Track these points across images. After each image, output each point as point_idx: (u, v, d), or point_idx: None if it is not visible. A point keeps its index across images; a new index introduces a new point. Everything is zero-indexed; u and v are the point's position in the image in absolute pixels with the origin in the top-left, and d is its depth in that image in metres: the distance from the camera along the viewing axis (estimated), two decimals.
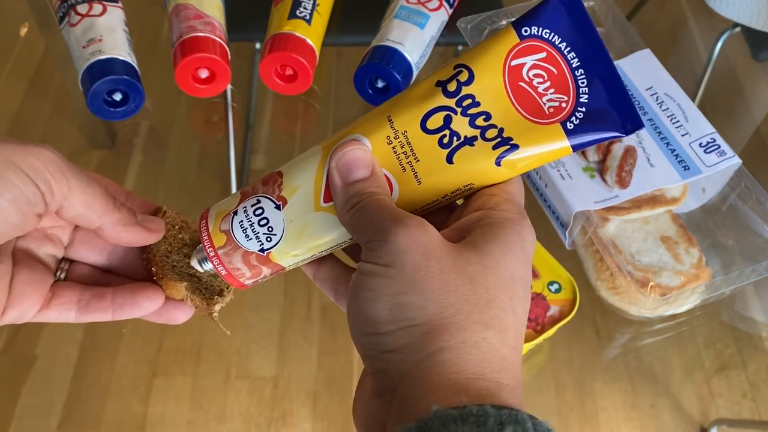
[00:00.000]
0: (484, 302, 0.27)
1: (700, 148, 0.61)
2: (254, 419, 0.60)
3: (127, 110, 0.66)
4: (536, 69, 0.30)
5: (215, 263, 0.34)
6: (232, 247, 0.33)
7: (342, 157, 0.31)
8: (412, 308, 0.27)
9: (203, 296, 0.38)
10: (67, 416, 0.60)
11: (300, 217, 0.32)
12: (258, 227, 0.33)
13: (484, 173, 0.31)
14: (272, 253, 0.33)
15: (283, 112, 0.80)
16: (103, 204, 0.33)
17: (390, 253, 0.28)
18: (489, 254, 0.28)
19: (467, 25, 0.70)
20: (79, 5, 0.66)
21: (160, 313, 0.37)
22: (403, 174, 0.31)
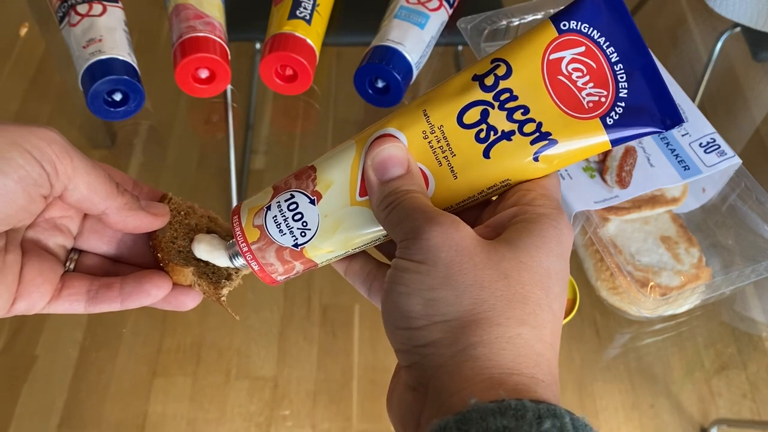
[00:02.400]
0: (519, 298, 0.27)
1: (700, 148, 0.61)
2: (254, 419, 0.60)
3: (127, 110, 0.66)
4: (575, 63, 0.30)
5: (248, 259, 0.34)
6: (265, 242, 0.33)
7: (377, 155, 0.31)
8: (445, 303, 0.27)
9: (210, 280, 0.37)
10: (67, 416, 0.60)
11: (335, 211, 0.32)
12: (292, 222, 0.32)
13: (522, 168, 0.30)
14: (306, 249, 0.33)
15: (283, 112, 0.80)
16: (107, 187, 0.33)
17: (423, 251, 0.28)
18: (524, 249, 0.28)
19: (467, 25, 0.70)
20: (79, 5, 0.66)
21: (169, 300, 0.37)
22: (439, 169, 0.31)
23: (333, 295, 0.66)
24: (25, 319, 0.64)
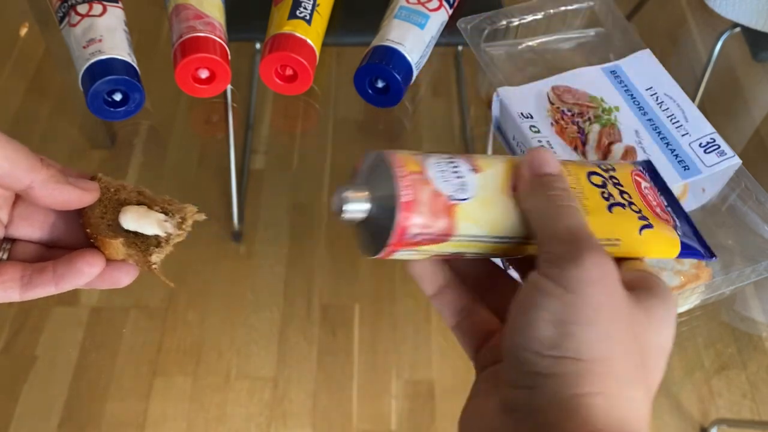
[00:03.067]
0: (643, 363, 0.28)
1: (700, 148, 0.61)
2: (254, 419, 0.60)
3: (127, 110, 0.66)
4: (646, 183, 0.37)
5: (402, 184, 0.29)
6: (423, 178, 0.30)
7: (533, 155, 0.32)
8: (581, 342, 0.27)
9: (139, 249, 0.36)
10: (67, 416, 0.60)
11: (491, 190, 0.31)
12: (451, 176, 0.31)
13: (632, 235, 0.33)
14: (459, 207, 0.30)
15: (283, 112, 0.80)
16: (29, 160, 0.32)
17: (577, 280, 0.27)
18: (655, 318, 0.29)
19: (467, 25, 0.70)
20: (79, 5, 0.66)
21: (104, 278, 0.36)
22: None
23: (333, 295, 0.66)
24: (25, 319, 0.64)
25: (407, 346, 0.63)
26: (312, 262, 0.68)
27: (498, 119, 0.67)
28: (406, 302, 0.65)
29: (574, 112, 0.63)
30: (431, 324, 0.63)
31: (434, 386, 0.61)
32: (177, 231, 0.37)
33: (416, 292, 0.65)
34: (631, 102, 0.64)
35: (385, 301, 0.65)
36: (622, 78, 0.66)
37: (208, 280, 0.67)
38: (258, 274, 0.67)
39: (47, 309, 0.65)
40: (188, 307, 0.65)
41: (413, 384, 0.61)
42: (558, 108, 0.64)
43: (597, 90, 0.65)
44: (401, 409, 0.60)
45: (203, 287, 0.66)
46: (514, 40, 0.73)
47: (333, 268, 0.67)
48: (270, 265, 0.67)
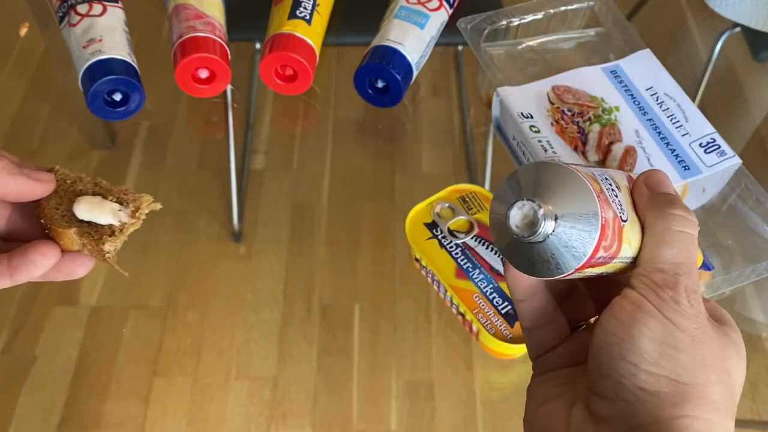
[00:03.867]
0: (732, 394, 0.30)
1: (700, 148, 0.61)
2: (254, 419, 0.60)
3: (127, 110, 0.66)
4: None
5: (600, 204, 0.27)
6: (605, 198, 0.28)
7: (652, 174, 0.32)
8: (681, 365, 0.28)
9: (93, 238, 0.37)
10: (67, 416, 0.60)
11: (630, 208, 0.31)
12: (613, 194, 0.29)
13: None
14: (625, 228, 0.29)
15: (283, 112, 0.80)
16: None
17: (671, 308, 0.29)
18: (740, 354, 0.31)
19: (467, 25, 0.70)
20: (79, 5, 0.66)
21: (59, 269, 0.36)
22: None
23: (333, 295, 0.66)
24: (25, 319, 0.64)
25: (407, 346, 0.63)
26: (312, 262, 0.68)
27: (498, 119, 0.67)
28: (406, 302, 0.65)
29: (574, 112, 0.63)
30: (431, 324, 0.63)
31: (434, 386, 0.61)
32: (131, 220, 0.37)
33: (416, 292, 0.65)
34: (631, 102, 0.64)
35: (385, 301, 0.65)
36: (622, 78, 0.66)
37: (208, 280, 0.67)
38: (258, 274, 0.67)
39: (47, 309, 0.65)
40: (188, 307, 0.65)
41: (413, 384, 0.61)
42: (558, 108, 0.64)
43: (597, 90, 0.65)
44: (401, 409, 0.60)
45: (203, 287, 0.66)
46: (514, 40, 0.73)
47: (333, 268, 0.67)
48: (270, 265, 0.68)
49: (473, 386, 0.61)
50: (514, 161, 0.67)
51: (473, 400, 0.60)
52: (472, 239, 0.60)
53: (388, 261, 0.68)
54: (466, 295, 0.57)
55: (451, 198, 0.62)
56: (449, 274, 0.58)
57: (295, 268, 0.67)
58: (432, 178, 0.74)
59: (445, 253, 0.59)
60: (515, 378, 0.62)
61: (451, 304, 0.60)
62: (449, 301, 0.60)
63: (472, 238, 0.60)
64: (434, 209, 0.61)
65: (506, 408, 0.60)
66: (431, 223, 0.60)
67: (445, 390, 0.61)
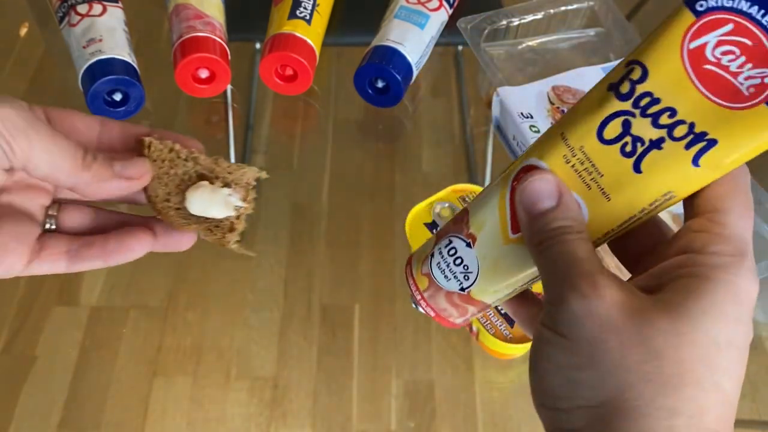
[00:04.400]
0: (675, 381, 0.23)
1: None
2: (254, 419, 0.60)
3: (127, 110, 0.66)
4: (723, 45, 0.25)
5: (423, 306, 0.34)
6: (435, 289, 0.33)
7: (524, 189, 0.28)
8: (587, 386, 0.25)
9: (215, 236, 0.37)
10: (67, 416, 0.60)
11: (491, 252, 0.31)
12: (454, 267, 0.32)
13: (683, 178, 0.27)
14: (472, 291, 0.32)
15: (283, 112, 0.80)
16: (70, 163, 0.31)
17: (565, 323, 0.25)
18: (685, 317, 0.24)
19: (467, 25, 0.70)
20: (79, 5, 0.66)
21: (164, 244, 0.36)
22: (589, 192, 0.28)
23: (333, 295, 0.66)
24: (25, 319, 0.64)
25: (407, 346, 0.63)
26: (312, 262, 0.68)
27: (498, 119, 0.67)
28: (406, 302, 0.65)
29: None
30: (431, 324, 0.63)
31: (434, 386, 0.61)
32: (244, 204, 0.36)
33: None
34: None
35: (385, 301, 0.65)
36: None
37: (208, 280, 0.67)
38: (258, 274, 0.67)
39: (47, 309, 0.65)
40: (188, 307, 0.65)
41: (413, 384, 0.61)
42: (558, 108, 0.64)
43: None
44: (401, 409, 0.60)
45: (203, 287, 0.66)
46: (514, 40, 0.73)
47: (333, 268, 0.67)
48: (270, 265, 0.68)
49: (473, 386, 0.61)
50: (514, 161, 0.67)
51: (473, 400, 0.60)
52: None
53: (388, 261, 0.68)
54: None
55: (451, 198, 0.62)
56: None
57: (295, 268, 0.67)
58: (432, 178, 0.74)
59: None
60: (515, 378, 0.62)
61: None
62: None
63: None
64: (434, 209, 0.61)
65: (506, 408, 0.60)
66: (431, 223, 0.60)
67: (445, 390, 0.61)
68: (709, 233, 0.26)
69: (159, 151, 0.36)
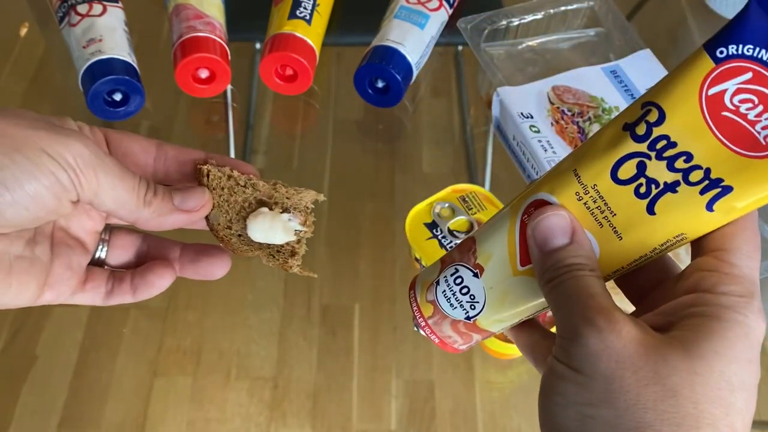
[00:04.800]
0: (691, 421, 0.23)
1: None
2: (254, 419, 0.60)
3: (127, 110, 0.66)
4: (742, 93, 0.25)
5: (427, 332, 0.34)
6: (439, 316, 0.33)
7: (538, 224, 0.28)
8: (603, 424, 0.24)
9: (278, 261, 0.38)
10: (67, 416, 0.60)
11: (499, 284, 0.31)
12: (460, 296, 0.32)
13: (696, 221, 0.27)
14: (478, 320, 0.32)
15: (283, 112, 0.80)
16: (133, 201, 0.32)
17: (580, 358, 0.25)
18: (699, 357, 0.24)
19: (467, 25, 0.70)
20: (79, 5, 0.66)
21: (197, 272, 0.38)
22: (600, 230, 0.28)
23: (333, 295, 0.66)
24: (25, 319, 0.64)
25: (407, 346, 0.63)
26: (312, 262, 0.68)
27: (498, 119, 0.67)
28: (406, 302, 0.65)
29: (574, 112, 0.64)
30: None
31: (434, 386, 0.61)
32: (304, 228, 0.37)
33: None
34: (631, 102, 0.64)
35: (385, 301, 0.65)
36: (622, 78, 0.66)
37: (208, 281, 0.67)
38: (258, 274, 0.67)
39: (47, 309, 0.65)
40: (188, 307, 0.65)
41: (413, 384, 0.61)
42: (558, 108, 0.64)
43: (597, 90, 0.65)
44: (401, 409, 0.60)
45: (203, 287, 0.66)
46: (514, 40, 0.73)
47: (333, 268, 0.67)
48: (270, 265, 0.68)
49: (473, 386, 0.61)
50: (514, 161, 0.67)
51: (473, 400, 0.60)
52: None
53: (388, 261, 0.68)
54: None
55: (451, 198, 0.62)
56: None
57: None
58: (432, 178, 0.74)
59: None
60: (515, 378, 0.62)
61: None
62: None
63: None
64: (434, 209, 0.61)
65: (506, 408, 0.60)
66: (431, 223, 0.60)
67: (445, 390, 0.61)
68: (719, 272, 0.26)
69: (218, 179, 0.37)
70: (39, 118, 0.30)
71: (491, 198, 0.62)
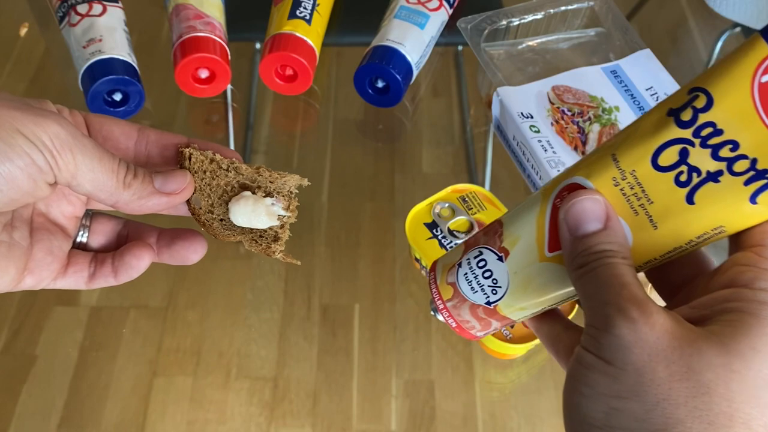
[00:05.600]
0: (724, 419, 0.23)
1: None
2: (254, 419, 0.60)
3: (127, 110, 0.66)
4: None
5: (445, 315, 0.34)
6: (459, 299, 0.33)
7: (570, 208, 0.27)
8: (631, 417, 0.23)
9: (260, 246, 0.37)
10: (67, 416, 0.59)
11: (524, 268, 0.30)
12: (482, 279, 0.31)
13: (737, 214, 0.26)
14: (499, 306, 0.32)
15: (283, 112, 0.80)
16: (113, 183, 0.32)
17: (611, 348, 0.24)
18: (737, 354, 0.23)
19: (467, 25, 0.70)
20: (79, 5, 0.66)
21: (172, 257, 0.37)
22: (635, 218, 0.27)
23: (333, 295, 0.66)
24: (25, 319, 0.64)
25: (407, 346, 0.63)
26: (312, 262, 0.68)
27: (498, 119, 0.67)
28: (406, 302, 0.65)
29: (574, 112, 0.64)
30: (431, 324, 0.63)
31: (434, 386, 0.61)
32: (287, 213, 0.36)
33: (416, 292, 0.65)
34: (631, 102, 0.64)
35: (385, 301, 0.65)
36: (622, 78, 0.66)
37: (208, 280, 0.67)
38: (258, 274, 0.67)
39: (47, 308, 0.65)
40: (188, 307, 0.65)
41: (413, 384, 0.61)
42: (558, 108, 0.64)
43: (597, 90, 0.65)
44: (401, 409, 0.60)
45: (203, 287, 0.66)
46: (514, 40, 0.73)
47: (333, 268, 0.67)
48: (270, 265, 0.68)
49: (473, 386, 0.61)
50: (514, 161, 0.67)
51: (473, 400, 0.60)
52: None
53: (388, 261, 0.68)
54: None
55: (451, 198, 0.62)
56: None
57: (295, 267, 0.67)
58: (432, 178, 0.74)
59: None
60: (515, 378, 0.62)
61: None
62: None
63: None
64: (434, 209, 0.61)
65: (506, 408, 0.60)
66: (431, 223, 0.60)
67: (445, 390, 0.61)
68: (758, 268, 0.25)
69: (200, 162, 0.36)
70: (15, 99, 0.30)
71: (491, 198, 0.62)
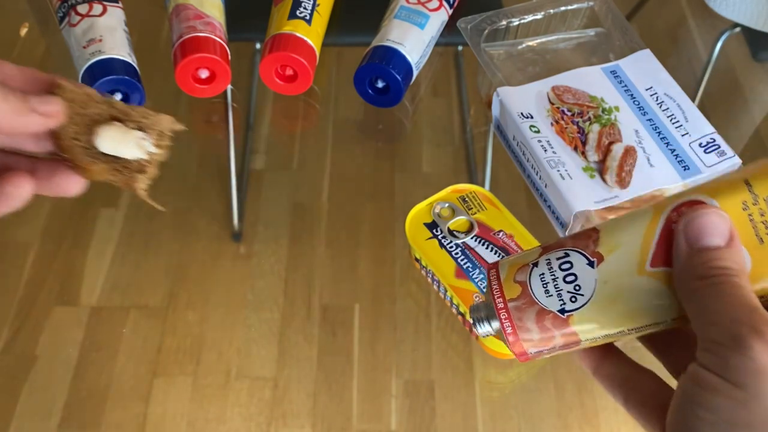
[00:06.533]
0: None
1: (700, 148, 0.61)
2: (254, 419, 0.60)
3: None
4: None
5: (502, 317, 0.30)
6: (526, 301, 0.29)
7: (693, 219, 0.25)
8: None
9: (124, 176, 0.36)
10: (67, 416, 0.59)
11: (617, 278, 0.27)
12: (562, 283, 0.28)
13: None
14: (573, 317, 0.28)
15: (283, 112, 0.80)
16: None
17: (745, 372, 0.22)
18: None
19: (467, 25, 0.70)
20: (79, 5, 0.66)
21: (51, 188, 0.35)
22: (758, 248, 0.25)
23: (333, 295, 0.66)
24: (25, 319, 0.64)
25: (407, 346, 0.63)
26: (312, 262, 0.68)
27: (498, 119, 0.67)
28: (406, 302, 0.65)
29: (574, 112, 0.64)
30: (431, 324, 0.63)
31: (434, 386, 0.61)
32: (156, 150, 0.35)
33: (416, 292, 0.65)
34: (631, 102, 0.64)
35: (385, 301, 0.65)
36: (622, 78, 0.66)
37: (208, 280, 0.67)
38: (258, 274, 0.67)
39: (47, 309, 0.65)
40: (188, 307, 0.65)
41: (413, 384, 0.61)
42: (558, 108, 0.64)
43: (597, 90, 0.65)
44: (401, 409, 0.60)
45: (203, 287, 0.66)
46: (514, 40, 0.73)
47: (333, 268, 0.67)
48: (270, 265, 0.68)
49: (473, 386, 0.61)
50: (514, 161, 0.67)
51: (473, 400, 0.60)
52: (472, 239, 0.60)
53: (388, 261, 0.68)
54: (466, 295, 0.57)
55: (451, 198, 0.62)
56: (449, 274, 0.58)
57: (295, 268, 0.67)
58: (432, 178, 0.74)
59: (445, 253, 0.59)
60: (515, 378, 0.62)
61: (451, 304, 0.60)
62: (449, 301, 0.60)
63: (472, 238, 0.60)
64: (434, 209, 0.61)
65: (506, 408, 0.60)
66: (431, 223, 0.60)
67: (445, 390, 0.61)
68: None
69: (73, 94, 0.35)
70: None
71: (491, 198, 0.62)
